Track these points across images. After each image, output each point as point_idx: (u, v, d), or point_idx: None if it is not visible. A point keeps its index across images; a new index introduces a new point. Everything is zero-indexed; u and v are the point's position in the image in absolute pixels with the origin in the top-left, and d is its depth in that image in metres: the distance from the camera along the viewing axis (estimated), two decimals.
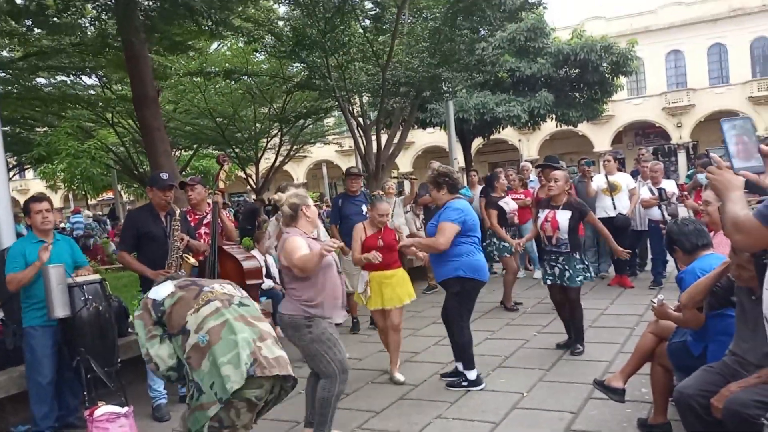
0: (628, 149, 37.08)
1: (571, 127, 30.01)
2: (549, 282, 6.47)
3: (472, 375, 5.55)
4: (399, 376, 5.89)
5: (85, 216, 21.84)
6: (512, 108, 21.13)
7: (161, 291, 3.68)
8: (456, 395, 5.39)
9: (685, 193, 8.79)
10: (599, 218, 8.86)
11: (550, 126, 29.52)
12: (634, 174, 9.99)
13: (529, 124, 23.36)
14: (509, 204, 9.05)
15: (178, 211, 5.78)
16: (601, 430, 4.49)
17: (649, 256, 9.67)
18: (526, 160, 16.62)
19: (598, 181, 9.42)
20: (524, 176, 10.78)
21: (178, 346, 3.50)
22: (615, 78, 23.72)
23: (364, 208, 7.61)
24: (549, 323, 7.47)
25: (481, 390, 5.46)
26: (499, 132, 25.33)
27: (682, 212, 8.70)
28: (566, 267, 6.26)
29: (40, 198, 5.28)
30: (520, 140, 42.70)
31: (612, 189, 9.24)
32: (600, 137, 41.89)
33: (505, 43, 19.09)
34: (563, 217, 6.30)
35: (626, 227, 9.16)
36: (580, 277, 6.26)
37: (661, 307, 4.03)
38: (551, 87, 22.26)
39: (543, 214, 6.46)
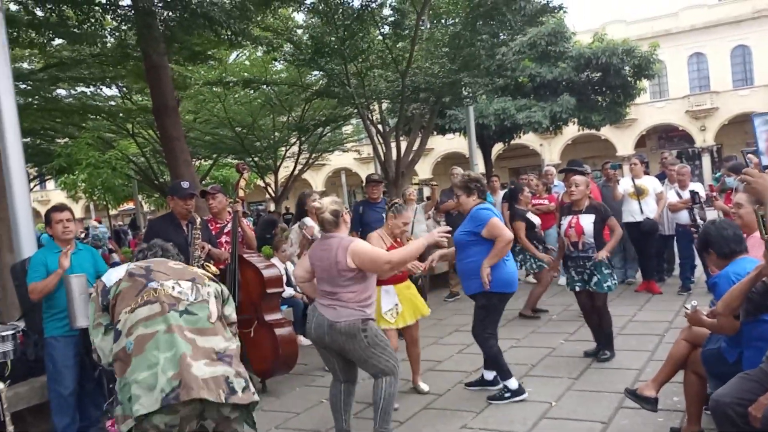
0: (651, 153, 36.72)
1: (593, 131, 29.83)
2: (578, 288, 6.32)
3: (512, 384, 5.33)
4: (423, 386, 5.77)
5: (92, 227, 21.88)
6: (533, 114, 21.00)
7: (113, 276, 3.34)
8: (482, 405, 5.27)
9: (715, 194, 8.62)
10: (626, 222, 8.81)
11: (572, 130, 29.36)
12: (661, 177, 9.82)
13: (551, 129, 23.20)
14: (533, 219, 8.89)
15: (198, 220, 5.78)
16: None
17: (677, 261, 9.48)
18: (548, 165, 16.46)
19: (624, 185, 9.27)
20: (548, 181, 10.66)
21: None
22: (637, 81, 23.54)
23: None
24: (576, 330, 7.33)
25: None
26: (520, 137, 25.19)
27: (710, 215, 8.54)
28: (594, 272, 6.13)
29: (61, 207, 5.27)
30: (541, 145, 42.54)
31: (639, 193, 9.09)
32: (623, 141, 41.53)
33: (525, 48, 18.97)
34: (587, 221, 6.18)
35: (654, 231, 9.01)
36: (608, 283, 6.12)
37: (695, 313, 3.93)
38: (573, 91, 22.09)
39: (566, 221, 6.33)
